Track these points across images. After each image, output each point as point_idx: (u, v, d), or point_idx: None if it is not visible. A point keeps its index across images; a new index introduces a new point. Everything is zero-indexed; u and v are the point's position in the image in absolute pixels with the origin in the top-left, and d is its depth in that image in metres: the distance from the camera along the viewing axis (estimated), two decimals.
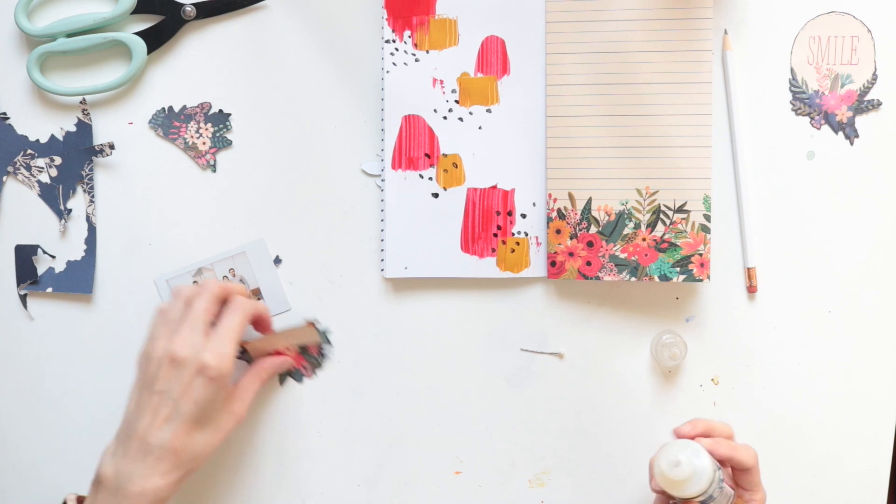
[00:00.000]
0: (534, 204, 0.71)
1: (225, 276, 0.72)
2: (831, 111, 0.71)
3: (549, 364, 0.73)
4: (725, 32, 0.71)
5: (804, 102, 0.71)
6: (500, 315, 0.73)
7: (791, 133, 0.71)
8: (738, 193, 0.71)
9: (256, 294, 0.72)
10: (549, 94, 0.70)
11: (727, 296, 0.72)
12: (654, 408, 0.73)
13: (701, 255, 0.70)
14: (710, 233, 0.70)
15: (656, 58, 0.69)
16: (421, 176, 0.71)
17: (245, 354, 0.72)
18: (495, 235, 0.71)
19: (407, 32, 0.71)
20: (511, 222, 0.71)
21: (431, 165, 0.71)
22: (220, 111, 0.73)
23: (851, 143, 0.71)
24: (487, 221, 0.71)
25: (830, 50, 0.71)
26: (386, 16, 0.71)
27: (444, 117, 0.71)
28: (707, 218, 0.69)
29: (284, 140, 0.73)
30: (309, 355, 0.73)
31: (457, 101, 0.71)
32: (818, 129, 0.71)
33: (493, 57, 0.71)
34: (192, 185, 0.73)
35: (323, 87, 0.72)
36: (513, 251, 0.71)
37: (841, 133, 0.71)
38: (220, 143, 0.73)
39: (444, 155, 0.71)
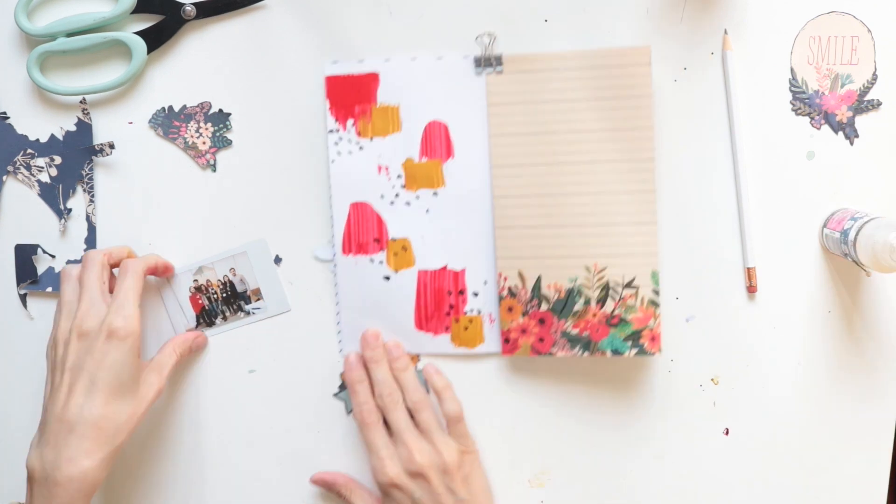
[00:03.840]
0: (485, 282, 0.72)
1: (225, 275, 0.72)
2: (831, 111, 0.71)
3: (549, 364, 0.73)
4: (725, 32, 0.71)
5: (804, 102, 0.71)
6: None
7: (791, 133, 0.71)
8: (738, 193, 0.71)
9: (256, 294, 0.72)
10: (495, 174, 0.71)
11: (727, 296, 0.72)
12: (654, 408, 0.73)
13: (651, 329, 0.70)
14: (659, 307, 0.70)
15: (598, 136, 0.69)
16: (371, 260, 0.72)
17: (343, 391, 0.74)
18: (448, 314, 0.72)
19: (350, 121, 0.71)
20: (463, 301, 0.72)
21: (381, 249, 0.72)
22: (220, 111, 0.73)
23: (851, 143, 0.71)
24: (440, 301, 0.72)
25: (830, 50, 0.71)
26: (329, 106, 0.71)
27: (392, 202, 0.72)
28: (656, 293, 0.70)
29: (284, 140, 0.72)
30: None
31: (403, 186, 0.71)
32: (818, 129, 0.71)
33: (437, 141, 0.71)
34: (192, 185, 0.73)
35: (322, 87, 0.72)
36: (466, 329, 0.72)
37: (841, 133, 0.71)
38: (220, 142, 0.73)
39: (393, 239, 0.72)
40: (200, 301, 0.73)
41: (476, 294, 0.72)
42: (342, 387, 0.73)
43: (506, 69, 0.70)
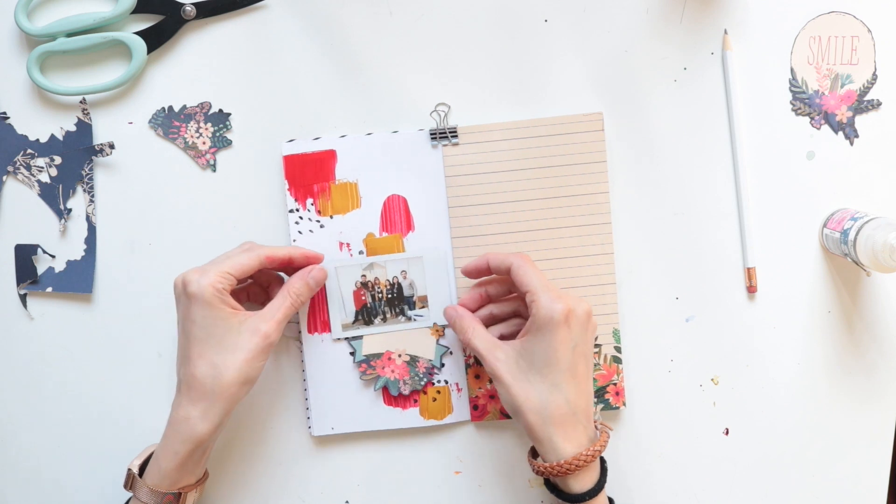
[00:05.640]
0: (451, 353, 0.72)
1: (395, 277, 0.72)
2: (831, 111, 0.71)
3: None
4: (725, 32, 0.71)
5: (804, 102, 0.71)
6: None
7: (791, 133, 0.71)
8: (738, 193, 0.71)
9: (422, 301, 0.72)
10: (455, 245, 0.71)
11: (727, 296, 0.72)
12: (654, 408, 0.73)
13: (615, 384, 0.72)
14: (622, 363, 0.71)
15: (556, 202, 0.70)
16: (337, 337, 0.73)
17: (358, 339, 0.73)
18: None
19: (309, 200, 0.72)
20: (431, 373, 0.72)
21: None
22: (220, 111, 0.73)
23: (851, 143, 0.71)
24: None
25: (830, 50, 0.71)
26: (288, 186, 0.72)
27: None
28: (618, 350, 0.71)
29: (284, 140, 0.72)
30: (414, 370, 0.73)
31: None
32: (818, 129, 0.71)
33: (397, 215, 0.71)
34: (192, 185, 0.73)
35: (322, 87, 0.72)
36: (435, 400, 0.73)
37: (841, 133, 0.71)
38: (220, 143, 0.73)
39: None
40: (363, 298, 0.72)
41: (442, 365, 0.72)
42: (357, 335, 0.73)
43: (461, 140, 0.70)
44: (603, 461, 0.67)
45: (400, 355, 0.72)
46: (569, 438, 0.64)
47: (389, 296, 0.72)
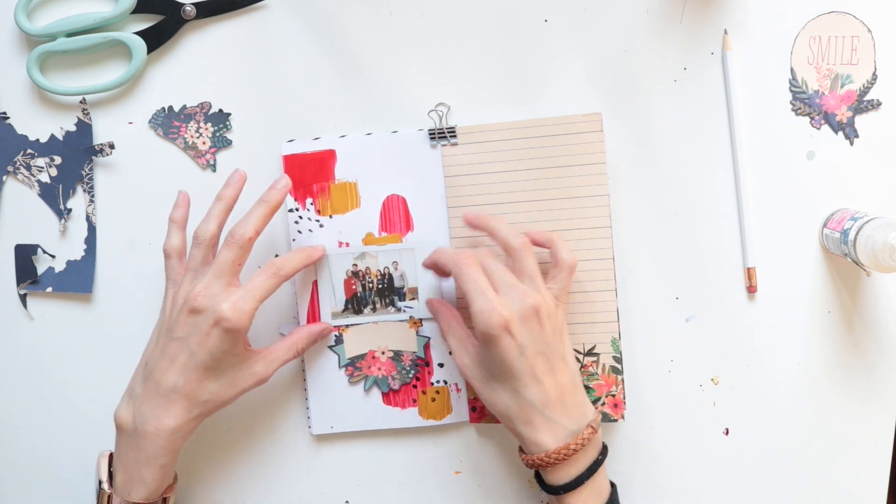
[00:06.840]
0: (450, 353, 0.72)
1: (386, 267, 0.72)
2: (831, 111, 0.71)
3: None
4: (725, 32, 0.71)
5: (804, 102, 0.71)
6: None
7: (791, 133, 0.71)
8: (738, 193, 0.71)
9: (412, 293, 0.72)
10: (454, 245, 0.71)
11: (727, 296, 0.72)
12: (654, 408, 0.73)
13: (614, 395, 0.71)
14: (621, 374, 0.71)
15: (555, 204, 0.70)
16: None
17: (339, 344, 0.73)
18: (415, 387, 0.72)
19: (309, 200, 0.72)
20: (429, 372, 0.72)
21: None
22: (220, 111, 0.73)
23: (851, 143, 0.71)
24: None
25: (830, 50, 0.71)
26: None
27: None
28: (617, 360, 0.71)
29: (284, 140, 0.72)
30: (400, 364, 0.73)
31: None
32: (818, 129, 0.71)
33: (396, 215, 0.71)
34: (192, 185, 0.73)
35: (322, 87, 0.72)
36: (433, 399, 0.73)
37: (841, 133, 0.71)
38: (220, 142, 0.73)
39: None
40: (354, 287, 0.72)
41: (441, 365, 0.72)
42: (338, 339, 0.73)
43: (460, 140, 0.70)
44: (604, 448, 0.65)
45: (384, 352, 0.72)
46: (546, 432, 0.63)
47: (380, 286, 0.72)
